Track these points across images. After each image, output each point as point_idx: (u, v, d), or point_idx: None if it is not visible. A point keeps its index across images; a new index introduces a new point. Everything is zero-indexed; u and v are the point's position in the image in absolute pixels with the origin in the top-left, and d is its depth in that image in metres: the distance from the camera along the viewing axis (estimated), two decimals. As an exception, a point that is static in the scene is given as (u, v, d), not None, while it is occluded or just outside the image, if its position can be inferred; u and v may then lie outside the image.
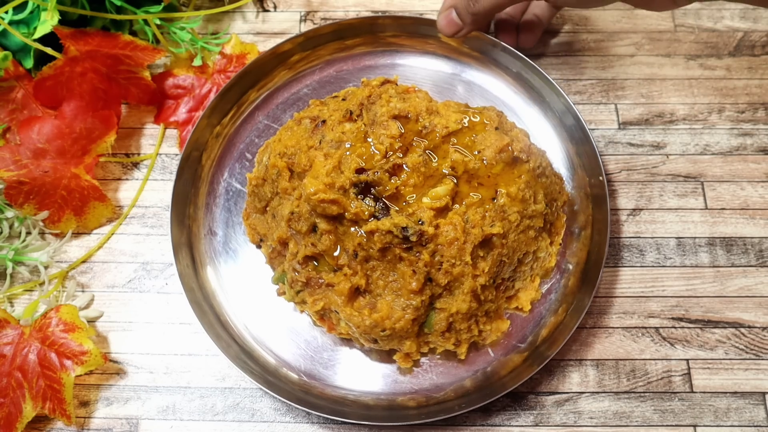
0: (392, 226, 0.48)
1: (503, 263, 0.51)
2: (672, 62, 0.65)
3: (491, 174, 0.51)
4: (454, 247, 0.49)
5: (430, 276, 0.49)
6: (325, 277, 0.51)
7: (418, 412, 0.51)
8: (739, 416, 0.52)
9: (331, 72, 0.64)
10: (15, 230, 0.58)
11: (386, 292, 0.50)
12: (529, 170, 0.52)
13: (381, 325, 0.49)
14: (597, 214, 0.56)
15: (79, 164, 0.58)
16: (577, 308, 0.53)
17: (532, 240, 0.53)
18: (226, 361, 0.54)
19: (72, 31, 0.59)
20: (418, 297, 0.49)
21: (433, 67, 0.64)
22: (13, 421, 0.50)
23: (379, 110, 0.53)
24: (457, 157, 0.51)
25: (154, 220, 0.60)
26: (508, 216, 0.51)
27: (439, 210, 0.50)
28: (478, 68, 0.64)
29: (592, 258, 0.55)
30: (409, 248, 0.49)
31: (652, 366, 0.54)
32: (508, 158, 0.51)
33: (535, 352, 0.53)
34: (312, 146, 0.53)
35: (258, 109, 0.63)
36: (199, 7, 0.68)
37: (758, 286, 0.56)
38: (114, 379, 0.54)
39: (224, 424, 0.53)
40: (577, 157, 0.59)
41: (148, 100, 0.62)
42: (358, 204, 0.49)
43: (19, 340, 0.52)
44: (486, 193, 0.51)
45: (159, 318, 0.56)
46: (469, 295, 0.50)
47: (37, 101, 0.60)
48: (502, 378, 0.52)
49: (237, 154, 0.61)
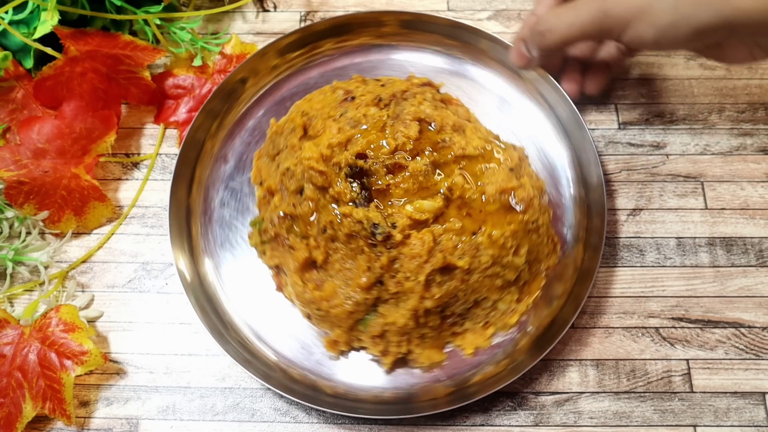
0: (364, 218, 0.48)
1: (457, 298, 0.51)
2: (672, 62, 0.65)
3: (483, 210, 0.50)
4: (414, 262, 0.49)
5: (382, 279, 0.50)
6: (291, 239, 0.52)
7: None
8: (739, 416, 0.52)
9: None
10: (15, 230, 0.58)
11: (338, 276, 0.51)
12: (522, 222, 0.50)
13: (318, 304, 0.51)
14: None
15: (79, 164, 0.58)
16: (515, 369, 0.51)
17: (496, 288, 0.52)
18: (226, 361, 0.55)
19: (72, 31, 0.59)
20: (363, 293, 0.50)
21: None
22: (13, 421, 0.50)
23: (407, 108, 0.53)
24: (458, 181, 0.50)
25: (154, 220, 0.60)
26: (480, 256, 0.49)
27: (417, 222, 0.49)
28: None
29: (555, 325, 0.53)
30: (373, 245, 0.49)
31: (652, 366, 0.54)
32: (506, 202, 0.50)
33: (460, 392, 0.52)
34: (332, 116, 0.53)
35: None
36: (199, 7, 0.68)
37: (758, 286, 0.56)
38: (114, 379, 0.54)
39: (224, 424, 0.53)
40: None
41: (148, 100, 0.62)
42: (345, 185, 0.49)
43: (19, 340, 0.52)
44: (470, 225, 0.50)
45: (159, 318, 0.56)
46: (411, 312, 0.50)
47: (37, 101, 0.60)
48: (421, 401, 0.52)
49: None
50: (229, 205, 0.59)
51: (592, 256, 0.54)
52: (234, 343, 0.53)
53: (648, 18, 0.49)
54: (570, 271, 0.55)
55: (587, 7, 0.51)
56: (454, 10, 0.68)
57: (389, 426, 0.52)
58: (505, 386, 0.53)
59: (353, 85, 0.57)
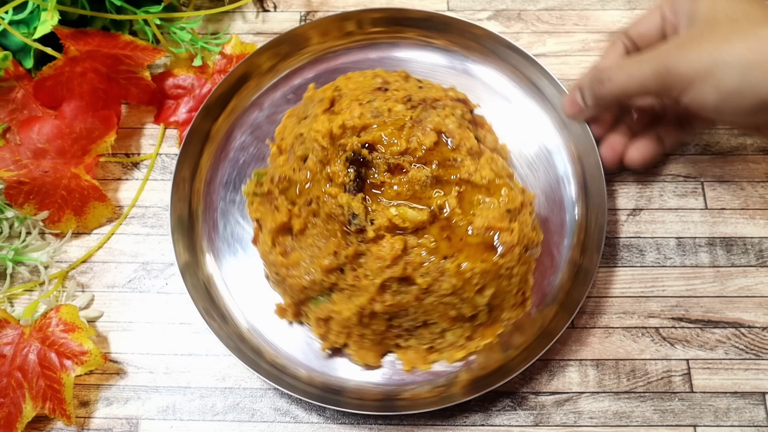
0: (347, 204, 0.49)
1: (407, 312, 0.50)
2: (672, 62, 0.65)
3: (464, 239, 0.49)
4: (377, 263, 0.49)
5: (343, 268, 0.50)
6: (279, 200, 0.53)
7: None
8: (739, 416, 0.52)
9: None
10: (15, 230, 0.58)
11: (307, 249, 0.52)
12: (496, 264, 0.49)
13: (278, 269, 0.52)
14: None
15: (79, 164, 0.58)
16: (445, 399, 0.50)
17: (449, 318, 0.51)
18: (226, 361, 0.55)
19: (72, 31, 0.59)
20: (322, 275, 0.50)
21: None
22: (13, 421, 0.50)
23: (433, 116, 0.52)
24: (452, 203, 0.50)
25: (154, 220, 0.60)
26: (443, 281, 0.49)
27: (395, 227, 0.49)
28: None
29: (502, 370, 0.51)
30: (347, 233, 0.50)
31: (652, 366, 0.54)
32: (489, 239, 0.49)
33: (387, 401, 0.52)
34: (360, 100, 0.53)
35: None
36: (199, 7, 0.68)
37: (758, 286, 0.56)
38: (114, 379, 0.54)
39: (224, 424, 0.53)
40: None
41: (148, 100, 0.62)
42: (341, 168, 0.50)
43: (19, 340, 0.52)
44: (445, 248, 0.49)
45: (159, 318, 0.56)
46: (358, 309, 0.50)
47: (37, 101, 0.60)
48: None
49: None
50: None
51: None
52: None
53: (713, 81, 0.46)
54: (534, 329, 0.53)
55: (650, 61, 0.49)
56: (454, 10, 0.68)
57: (389, 426, 0.52)
58: (506, 386, 0.53)
59: (393, 78, 0.57)
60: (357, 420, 0.52)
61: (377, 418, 0.52)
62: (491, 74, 0.63)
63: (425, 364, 0.53)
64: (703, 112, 0.49)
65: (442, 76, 0.63)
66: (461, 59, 0.64)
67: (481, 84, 0.63)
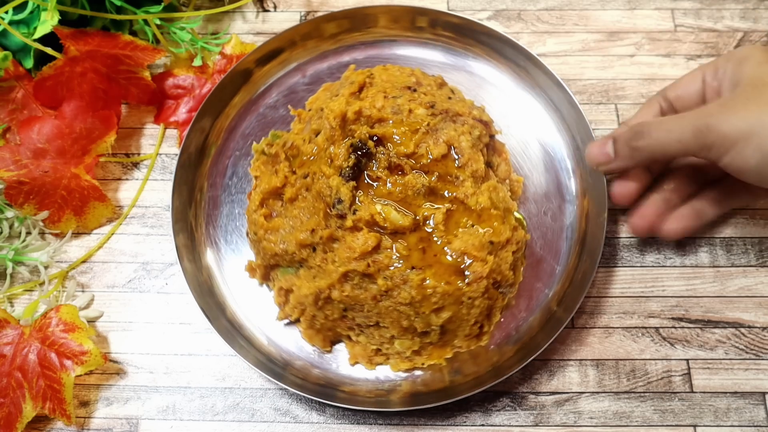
0: (336, 188, 0.49)
1: (362, 309, 0.50)
2: (672, 62, 0.65)
3: (437, 256, 0.49)
4: (346, 253, 0.49)
5: (316, 247, 0.50)
6: (281, 165, 0.54)
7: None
8: (739, 416, 0.52)
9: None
10: (15, 230, 0.58)
11: (290, 219, 0.52)
12: (459, 289, 0.49)
13: (256, 229, 0.53)
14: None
15: (79, 164, 0.58)
16: (381, 404, 0.51)
17: (400, 327, 0.50)
18: (226, 361, 0.55)
19: (72, 31, 0.59)
20: (295, 247, 0.51)
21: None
22: (13, 421, 0.50)
23: (448, 131, 0.52)
24: (437, 218, 0.50)
25: (154, 220, 0.60)
26: (402, 290, 0.48)
27: (374, 223, 0.49)
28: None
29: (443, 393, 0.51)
30: (328, 214, 0.50)
31: (652, 366, 0.54)
32: (460, 264, 0.49)
33: (328, 388, 0.52)
34: (386, 93, 0.54)
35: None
36: (199, 7, 0.68)
37: (758, 286, 0.56)
38: (114, 379, 0.54)
39: (224, 424, 0.53)
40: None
41: (148, 100, 0.62)
42: (343, 152, 0.50)
43: (19, 340, 0.52)
44: (416, 259, 0.49)
45: (159, 318, 0.56)
46: (316, 290, 0.50)
47: (37, 101, 0.60)
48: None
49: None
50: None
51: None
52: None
53: (756, 141, 0.45)
54: (487, 364, 0.52)
55: (692, 119, 0.47)
56: (454, 10, 0.68)
57: (389, 426, 0.52)
58: (506, 386, 0.53)
59: (427, 81, 0.57)
60: (356, 420, 0.52)
61: (377, 418, 0.52)
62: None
63: (370, 364, 0.53)
64: (743, 175, 0.48)
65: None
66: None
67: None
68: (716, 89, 0.52)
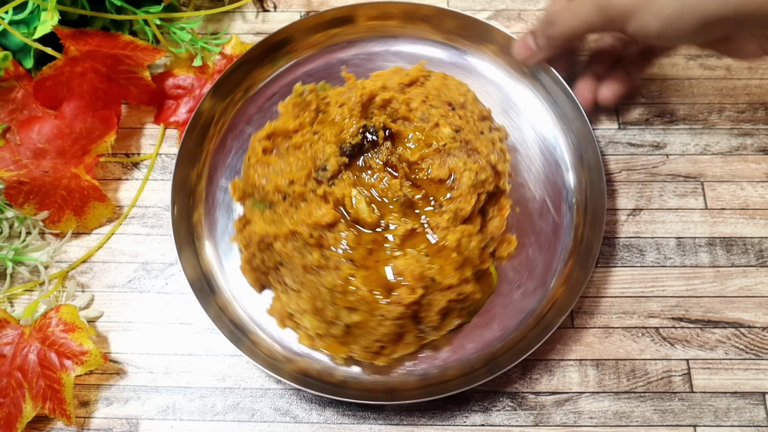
0: (327, 156, 0.51)
1: (290, 267, 0.51)
2: (672, 62, 0.65)
3: (378, 262, 0.50)
4: (302, 216, 0.50)
5: (286, 197, 0.52)
6: (306, 114, 0.55)
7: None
8: (739, 416, 0.52)
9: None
10: (15, 230, 0.58)
11: (283, 163, 0.53)
12: (375, 302, 0.49)
13: (252, 155, 0.55)
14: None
15: (79, 164, 0.58)
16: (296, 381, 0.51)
17: (311, 303, 0.51)
18: (226, 361, 0.55)
19: (72, 31, 0.59)
20: (272, 188, 0.52)
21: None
22: (13, 421, 0.50)
23: (458, 160, 0.51)
24: (397, 232, 0.50)
25: (154, 220, 0.60)
26: (327, 274, 0.49)
27: (342, 204, 0.51)
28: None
29: None
30: (310, 175, 0.52)
31: (652, 366, 0.54)
32: (389, 283, 0.49)
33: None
34: (427, 99, 0.55)
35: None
36: (199, 7, 0.68)
37: (758, 286, 0.56)
38: (114, 379, 0.54)
39: (224, 424, 0.53)
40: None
41: (148, 100, 0.62)
42: (354, 129, 0.52)
43: (19, 340, 0.52)
44: (357, 255, 0.49)
45: (159, 318, 0.56)
46: (263, 233, 0.52)
47: (37, 101, 0.60)
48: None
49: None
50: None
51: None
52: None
53: (652, 8, 0.48)
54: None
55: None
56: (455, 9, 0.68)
57: (389, 426, 0.52)
58: (506, 386, 0.53)
59: (470, 107, 0.56)
60: (357, 420, 0.52)
61: (377, 418, 0.52)
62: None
63: (281, 323, 0.54)
64: (650, 40, 0.51)
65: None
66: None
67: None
68: None
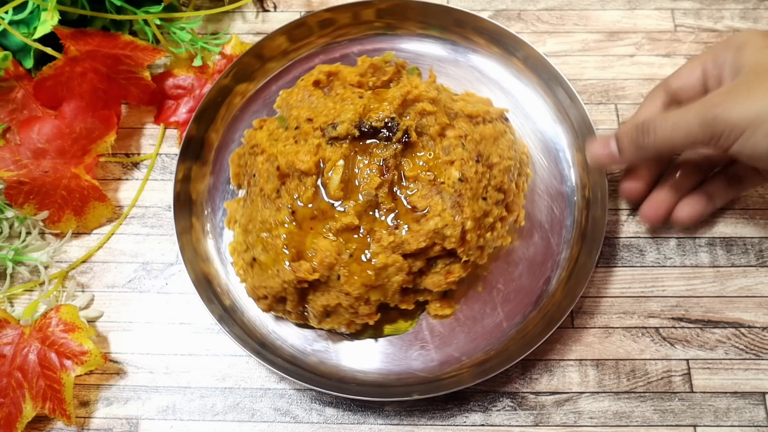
0: (342, 119, 0.51)
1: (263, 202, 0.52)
2: (672, 62, 0.65)
3: (314, 229, 0.50)
4: (288, 146, 0.51)
5: (300, 126, 0.52)
6: (348, 70, 0.56)
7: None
8: (739, 416, 0.52)
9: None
10: (15, 230, 0.58)
11: (323, 101, 0.53)
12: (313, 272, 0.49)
13: (301, 90, 0.55)
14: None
15: (79, 164, 0.58)
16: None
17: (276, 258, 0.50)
18: (226, 361, 0.55)
19: (72, 31, 0.59)
20: (302, 118, 0.53)
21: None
22: (13, 421, 0.50)
23: (439, 207, 0.50)
24: (343, 220, 0.50)
25: (154, 220, 0.60)
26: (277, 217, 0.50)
27: (318, 164, 0.51)
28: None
29: None
30: (318, 127, 0.52)
31: (652, 366, 0.54)
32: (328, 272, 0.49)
33: None
34: (473, 118, 0.54)
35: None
36: (199, 7, 0.68)
37: (758, 286, 0.56)
38: (114, 379, 0.54)
39: (224, 424, 0.53)
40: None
41: (148, 100, 0.62)
42: (383, 116, 0.51)
43: (19, 340, 0.52)
44: (301, 215, 0.50)
45: (159, 318, 0.56)
46: (262, 161, 0.53)
47: (37, 101, 0.60)
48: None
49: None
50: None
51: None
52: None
53: (764, 127, 0.45)
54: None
55: (698, 111, 0.47)
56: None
57: (389, 426, 0.52)
58: (506, 386, 0.53)
59: (501, 174, 0.53)
60: (357, 420, 0.53)
61: (377, 418, 0.52)
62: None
63: (228, 224, 0.57)
64: (754, 161, 0.48)
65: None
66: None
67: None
68: (717, 77, 0.51)
